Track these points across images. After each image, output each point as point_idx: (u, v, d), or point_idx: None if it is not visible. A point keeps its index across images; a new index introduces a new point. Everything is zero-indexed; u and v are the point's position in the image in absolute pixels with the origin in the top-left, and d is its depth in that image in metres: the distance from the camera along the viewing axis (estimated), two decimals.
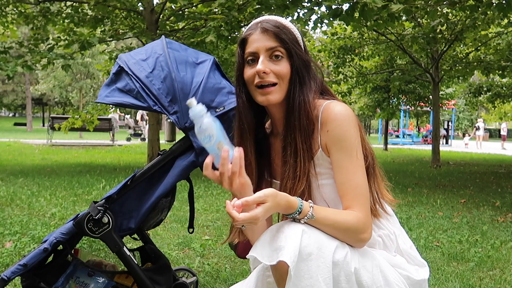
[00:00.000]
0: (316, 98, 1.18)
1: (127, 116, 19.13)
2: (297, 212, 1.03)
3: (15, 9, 7.37)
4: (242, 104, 1.21)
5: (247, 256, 1.04)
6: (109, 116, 16.37)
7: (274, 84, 1.14)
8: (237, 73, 1.20)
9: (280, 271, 1.05)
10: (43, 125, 34.94)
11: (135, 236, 1.86)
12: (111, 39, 7.30)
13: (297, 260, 0.98)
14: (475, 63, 9.18)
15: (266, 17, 1.19)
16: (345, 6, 4.92)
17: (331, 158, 1.14)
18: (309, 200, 1.08)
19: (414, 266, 1.22)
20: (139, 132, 18.43)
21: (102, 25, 7.39)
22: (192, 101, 1.04)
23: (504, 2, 4.80)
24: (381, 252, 1.18)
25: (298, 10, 5.65)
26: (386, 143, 15.01)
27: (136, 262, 1.63)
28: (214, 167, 1.05)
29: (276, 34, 1.13)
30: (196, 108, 1.03)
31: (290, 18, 6.30)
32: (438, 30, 7.97)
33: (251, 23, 1.20)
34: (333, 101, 1.16)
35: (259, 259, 1.01)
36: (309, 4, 5.36)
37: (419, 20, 8.45)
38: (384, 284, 1.10)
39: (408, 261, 1.22)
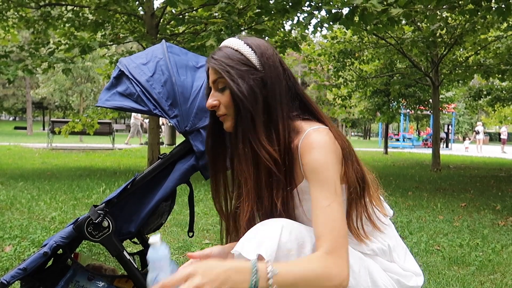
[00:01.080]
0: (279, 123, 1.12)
1: (146, 121, 19.09)
2: (254, 273, 0.88)
3: (16, 13, 7.40)
4: (207, 132, 1.27)
5: (231, 251, 1.03)
6: (131, 121, 16.40)
7: (224, 114, 1.16)
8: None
9: None
10: (43, 129, 35.01)
11: (135, 240, 1.86)
12: (111, 43, 7.33)
13: (277, 256, 0.98)
14: (474, 67, 9.20)
15: (220, 45, 1.19)
16: (345, 10, 4.94)
17: (310, 190, 1.08)
18: (266, 260, 0.94)
19: (408, 272, 1.20)
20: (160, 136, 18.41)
21: (102, 29, 7.42)
22: (155, 240, 0.91)
23: (503, 6, 4.82)
24: (374, 256, 1.17)
25: (298, 14, 5.67)
26: (386, 147, 15.01)
27: (136, 266, 1.63)
28: None
29: (213, 67, 1.14)
30: (160, 250, 0.91)
31: (290, 22, 6.33)
32: (437, 34, 8.00)
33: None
34: (314, 131, 1.08)
35: (242, 254, 0.99)
36: (309, 8, 5.38)
37: (418, 24, 8.48)
38: (372, 285, 1.09)
39: (403, 268, 1.20)
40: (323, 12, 5.37)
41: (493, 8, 5.04)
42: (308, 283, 0.93)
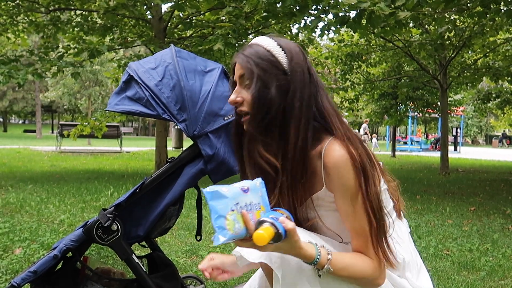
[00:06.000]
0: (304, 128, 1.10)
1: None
2: (314, 264, 1.01)
3: (26, 18, 7.50)
4: (231, 132, 1.23)
5: (232, 252, 1.06)
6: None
7: (247, 115, 1.12)
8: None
9: (266, 269, 1.09)
10: (52, 132, 35.32)
11: (143, 243, 1.87)
12: (119, 47, 7.39)
13: (280, 262, 1.02)
14: (483, 70, 9.12)
15: (250, 43, 1.16)
16: (352, 14, 4.92)
17: (336, 202, 1.10)
18: (328, 249, 1.04)
19: None
20: None
21: (111, 34, 7.48)
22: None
23: None
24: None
25: (305, 18, 5.66)
26: (394, 150, 14.92)
27: (145, 270, 1.63)
28: None
29: (242, 64, 1.11)
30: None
31: (297, 25, 6.33)
32: (446, 37, 7.95)
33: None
34: (335, 143, 1.08)
35: (244, 256, 1.03)
36: (316, 11, 5.38)
37: (426, 26, 8.43)
38: None
39: (412, 285, 1.19)
40: (330, 16, 5.37)
41: (502, 11, 4.99)
42: (355, 278, 1.05)
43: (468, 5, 5.27)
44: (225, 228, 0.91)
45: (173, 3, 6.28)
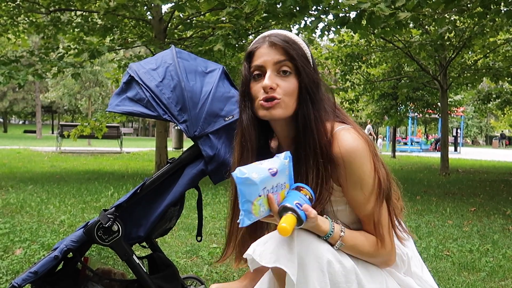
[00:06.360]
0: (326, 120, 1.12)
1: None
2: (326, 237, 1.05)
3: (26, 18, 7.51)
4: (246, 121, 1.15)
5: (244, 255, 1.05)
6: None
7: (278, 99, 1.09)
8: (243, 87, 1.15)
9: (277, 273, 1.08)
10: (52, 133, 35.36)
11: (144, 244, 1.87)
12: (120, 47, 7.40)
13: (295, 267, 1.00)
14: (483, 70, 9.14)
15: (275, 31, 1.14)
16: (352, 14, 4.92)
17: (346, 193, 1.10)
18: (342, 226, 1.07)
19: None
20: None
21: (111, 34, 7.49)
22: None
23: None
24: (390, 269, 1.17)
25: (305, 18, 5.67)
26: (394, 151, 14.92)
27: (145, 270, 1.63)
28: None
29: (284, 48, 1.08)
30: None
31: (297, 26, 6.33)
32: (446, 37, 7.95)
33: (259, 37, 1.15)
34: (343, 130, 1.10)
35: (257, 260, 1.02)
36: (316, 12, 5.38)
37: (426, 27, 8.44)
38: None
39: (418, 284, 1.20)
40: (330, 16, 5.37)
41: (502, 11, 4.99)
42: (363, 256, 1.10)
43: (468, 5, 5.27)
44: (250, 212, 0.96)
45: (173, 4, 6.29)
